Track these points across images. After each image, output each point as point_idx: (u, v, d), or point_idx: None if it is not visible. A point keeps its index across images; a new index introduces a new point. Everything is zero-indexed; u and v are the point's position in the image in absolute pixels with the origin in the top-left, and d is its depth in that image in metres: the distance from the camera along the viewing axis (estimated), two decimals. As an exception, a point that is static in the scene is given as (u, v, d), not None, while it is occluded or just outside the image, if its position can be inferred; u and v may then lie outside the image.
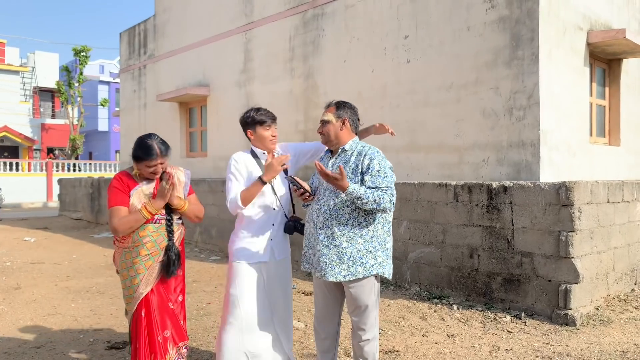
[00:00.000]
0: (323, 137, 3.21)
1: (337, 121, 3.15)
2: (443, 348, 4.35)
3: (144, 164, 3.12)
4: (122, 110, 14.41)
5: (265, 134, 3.31)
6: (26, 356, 4.18)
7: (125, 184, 3.15)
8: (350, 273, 3.01)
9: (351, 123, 3.19)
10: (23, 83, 32.20)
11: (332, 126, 3.15)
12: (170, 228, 3.20)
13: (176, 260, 3.19)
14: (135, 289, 3.13)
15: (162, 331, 3.17)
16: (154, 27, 12.78)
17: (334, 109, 3.20)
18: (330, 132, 3.16)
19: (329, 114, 3.19)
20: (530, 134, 5.78)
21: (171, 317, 3.23)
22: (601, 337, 4.58)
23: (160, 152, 3.11)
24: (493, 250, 5.51)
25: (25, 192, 24.03)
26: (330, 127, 3.16)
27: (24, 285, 6.74)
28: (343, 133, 3.17)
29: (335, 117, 3.16)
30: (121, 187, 3.14)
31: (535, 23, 5.74)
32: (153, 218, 3.14)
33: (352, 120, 3.20)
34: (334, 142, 3.18)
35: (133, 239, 3.13)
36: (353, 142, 3.19)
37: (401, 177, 6.90)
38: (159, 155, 3.10)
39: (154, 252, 3.15)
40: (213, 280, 7.06)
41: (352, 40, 7.78)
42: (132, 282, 3.15)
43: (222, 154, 10.36)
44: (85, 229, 13.08)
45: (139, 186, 3.16)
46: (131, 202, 3.12)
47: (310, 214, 3.19)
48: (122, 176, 3.19)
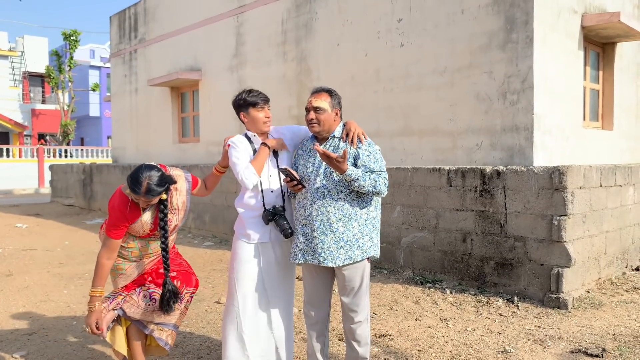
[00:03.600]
0: (316, 125, 3.08)
1: (332, 110, 3.08)
2: (436, 332, 4.37)
3: (133, 195, 3.00)
4: (113, 95, 14.25)
5: (258, 115, 3.23)
6: (18, 343, 4.16)
7: (126, 220, 3.04)
8: (349, 257, 3.00)
9: (341, 114, 3.17)
10: (12, 68, 31.77)
11: (327, 115, 3.07)
12: (166, 257, 3.13)
13: (171, 299, 3.12)
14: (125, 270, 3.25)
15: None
16: (145, 10, 12.59)
17: (328, 96, 3.09)
18: (325, 121, 3.07)
19: (322, 100, 3.07)
20: (523, 118, 5.76)
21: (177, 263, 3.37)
22: (592, 320, 4.62)
23: (146, 192, 2.91)
24: (486, 235, 5.53)
25: (17, 179, 23.84)
26: (326, 116, 3.06)
27: (15, 272, 6.70)
28: (335, 123, 3.13)
29: (330, 106, 3.07)
30: (122, 217, 3.03)
31: (530, 6, 5.69)
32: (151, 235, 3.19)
33: (341, 111, 3.18)
34: (326, 131, 3.11)
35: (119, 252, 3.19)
36: (340, 127, 3.16)
37: (395, 162, 6.88)
38: (142, 193, 2.91)
39: (136, 259, 3.25)
40: (206, 266, 7.05)
41: (345, 24, 7.69)
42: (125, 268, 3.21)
43: (214, 139, 10.29)
44: (78, 215, 13.01)
45: (141, 217, 3.09)
46: (135, 229, 3.10)
47: (300, 201, 3.13)
48: (125, 208, 3.03)
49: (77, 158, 26.97)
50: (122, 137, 13.79)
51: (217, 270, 6.72)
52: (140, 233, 3.12)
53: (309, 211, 3.06)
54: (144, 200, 2.99)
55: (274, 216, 3.16)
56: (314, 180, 3.06)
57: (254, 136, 3.29)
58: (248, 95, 3.24)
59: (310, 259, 3.06)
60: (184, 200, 3.24)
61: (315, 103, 3.07)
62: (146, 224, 3.11)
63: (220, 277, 6.31)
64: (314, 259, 3.03)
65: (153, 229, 3.14)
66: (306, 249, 3.07)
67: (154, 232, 3.17)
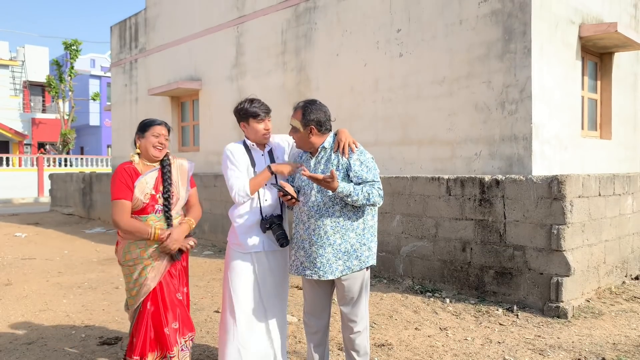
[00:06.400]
0: (295, 143, 3.16)
1: (304, 129, 3.04)
2: (436, 341, 4.36)
3: (150, 134, 3.18)
4: (114, 104, 14.30)
5: (258, 127, 3.22)
6: (17, 352, 4.15)
7: (129, 176, 3.13)
8: (347, 267, 3.01)
9: (319, 129, 3.04)
10: (13, 77, 31.86)
11: (299, 135, 3.07)
12: (168, 214, 3.21)
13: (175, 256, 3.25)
14: (143, 282, 3.13)
15: (171, 323, 3.17)
16: (145, 20, 12.67)
17: (300, 114, 3.05)
18: (298, 141, 3.11)
19: (294, 120, 3.07)
20: (522, 127, 5.79)
21: (180, 308, 3.25)
22: (592, 329, 4.61)
23: (167, 125, 3.29)
24: (485, 244, 5.53)
25: (16, 188, 23.83)
26: (298, 136, 3.08)
27: (15, 281, 6.69)
28: (313, 139, 3.07)
29: (301, 125, 3.04)
30: (124, 179, 3.11)
31: (528, 16, 5.74)
32: (153, 208, 3.17)
33: (320, 125, 3.04)
34: (307, 147, 3.12)
35: None
36: (330, 139, 3.12)
37: (394, 171, 6.90)
38: (164, 124, 3.26)
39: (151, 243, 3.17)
40: (206, 275, 7.04)
41: (345, 34, 7.75)
42: (140, 274, 3.14)
43: (214, 148, 10.31)
44: (77, 225, 12.99)
45: (142, 177, 3.16)
46: (135, 194, 3.11)
47: (299, 215, 3.13)
48: (125, 168, 3.17)
49: (77, 167, 26.98)
50: (122, 146, 13.81)
51: (216, 280, 6.71)
52: (141, 199, 3.12)
53: (307, 225, 3.06)
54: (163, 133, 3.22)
55: (271, 225, 3.17)
56: (310, 194, 3.06)
57: (252, 145, 3.29)
58: (250, 105, 3.23)
59: (309, 273, 3.05)
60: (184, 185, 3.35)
61: (291, 121, 3.12)
62: (147, 186, 3.15)
63: (220, 286, 6.30)
64: (314, 273, 3.02)
65: (153, 197, 3.17)
66: (306, 263, 3.07)
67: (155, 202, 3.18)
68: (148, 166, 3.23)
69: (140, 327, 3.13)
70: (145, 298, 3.14)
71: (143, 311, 3.13)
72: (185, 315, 3.27)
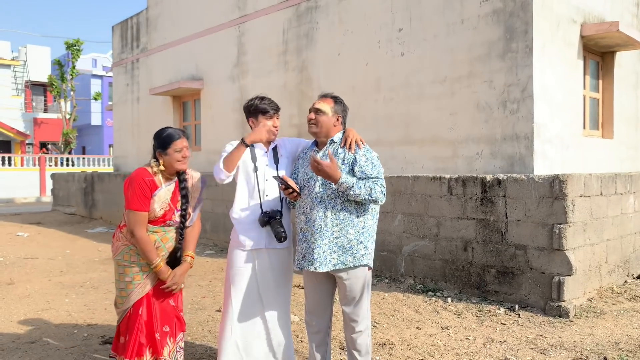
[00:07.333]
0: (314, 126, 3.15)
1: (332, 115, 3.14)
2: (437, 340, 4.37)
3: (172, 149, 3.12)
4: (115, 104, 14.32)
5: (266, 124, 3.27)
6: (19, 351, 4.16)
7: (148, 188, 3.10)
8: (340, 262, 3.02)
9: (342, 122, 3.21)
10: (15, 77, 31.92)
11: (327, 118, 3.13)
12: (182, 231, 3.25)
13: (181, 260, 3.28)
14: (135, 287, 3.14)
15: (162, 327, 3.18)
16: (147, 20, 12.68)
17: (332, 101, 3.17)
18: (323, 123, 3.13)
19: (325, 104, 3.15)
20: (524, 127, 5.79)
21: (172, 312, 3.27)
22: (594, 328, 4.61)
23: (183, 133, 3.20)
24: (487, 243, 5.53)
25: (18, 187, 23.87)
26: (325, 119, 3.13)
27: (17, 280, 6.71)
28: (335, 128, 3.17)
29: (331, 111, 3.14)
30: (144, 190, 3.08)
31: (529, 15, 5.73)
32: (165, 221, 3.18)
33: (344, 119, 3.22)
34: (324, 134, 3.15)
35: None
36: (340, 134, 3.19)
37: (395, 171, 6.90)
38: (182, 135, 3.17)
39: (160, 252, 3.19)
40: (207, 274, 7.05)
41: (346, 34, 7.75)
42: (134, 278, 3.15)
43: (215, 148, 10.31)
44: (79, 224, 13.02)
45: (159, 190, 3.14)
46: (152, 207, 3.11)
47: (301, 207, 3.16)
48: (145, 180, 3.10)
49: (79, 167, 27.02)
50: (124, 145, 13.83)
51: (218, 279, 6.72)
52: (157, 211, 3.12)
53: (308, 217, 3.08)
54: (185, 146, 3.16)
55: (270, 219, 3.17)
56: (313, 186, 3.09)
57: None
58: (260, 102, 3.29)
59: (306, 265, 3.07)
60: (195, 196, 3.34)
61: (317, 105, 3.16)
62: (165, 196, 3.15)
63: (221, 285, 6.31)
64: (310, 264, 3.04)
65: (169, 210, 3.17)
66: (305, 256, 3.09)
67: (171, 215, 3.19)
68: (167, 178, 3.21)
69: (128, 329, 3.15)
70: (137, 303, 3.15)
71: (135, 315, 3.14)
72: (178, 318, 3.30)
